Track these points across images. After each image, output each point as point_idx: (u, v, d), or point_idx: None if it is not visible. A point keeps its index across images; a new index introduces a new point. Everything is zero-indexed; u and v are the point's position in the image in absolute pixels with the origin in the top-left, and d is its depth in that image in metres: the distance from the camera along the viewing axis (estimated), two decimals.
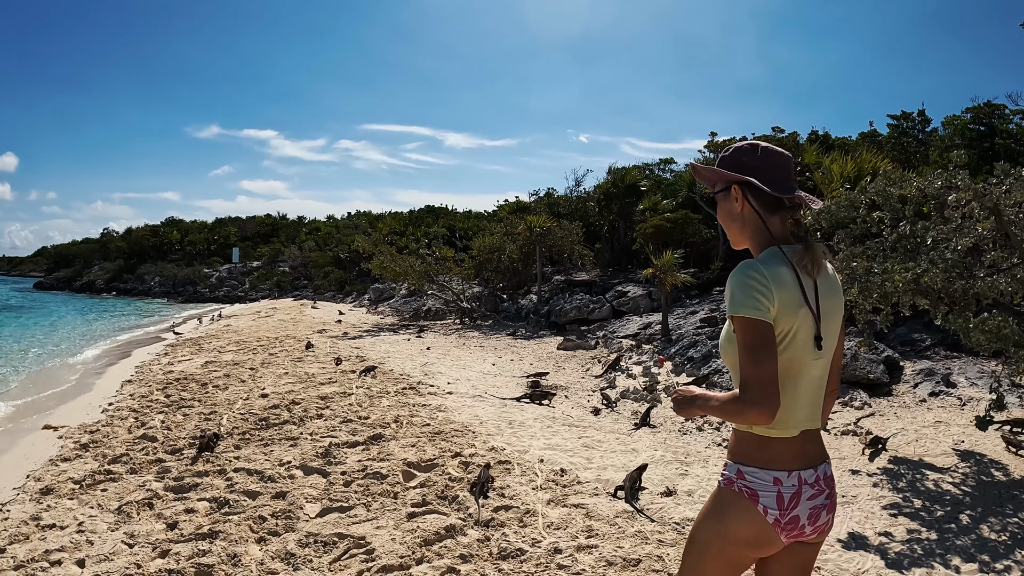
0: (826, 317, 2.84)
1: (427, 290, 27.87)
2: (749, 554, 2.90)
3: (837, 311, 2.91)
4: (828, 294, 2.86)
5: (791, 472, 2.81)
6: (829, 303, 2.86)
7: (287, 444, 8.97)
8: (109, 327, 31.24)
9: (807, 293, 2.78)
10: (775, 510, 2.78)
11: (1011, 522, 6.66)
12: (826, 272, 2.89)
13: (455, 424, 9.91)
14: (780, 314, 2.73)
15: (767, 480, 2.81)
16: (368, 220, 61.88)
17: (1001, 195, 7.70)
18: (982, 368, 12.31)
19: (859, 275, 8.21)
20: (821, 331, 2.80)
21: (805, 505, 2.81)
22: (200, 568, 5.60)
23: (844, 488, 7.51)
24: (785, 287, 2.75)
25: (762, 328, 2.69)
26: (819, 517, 2.85)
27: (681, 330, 17.62)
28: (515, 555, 5.78)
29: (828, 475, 2.90)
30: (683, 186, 29.18)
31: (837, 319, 2.90)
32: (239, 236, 75.33)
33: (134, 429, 9.91)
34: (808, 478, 2.82)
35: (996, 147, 20.88)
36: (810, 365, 2.82)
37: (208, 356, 17.38)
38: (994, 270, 8.04)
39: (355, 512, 6.72)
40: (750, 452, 2.88)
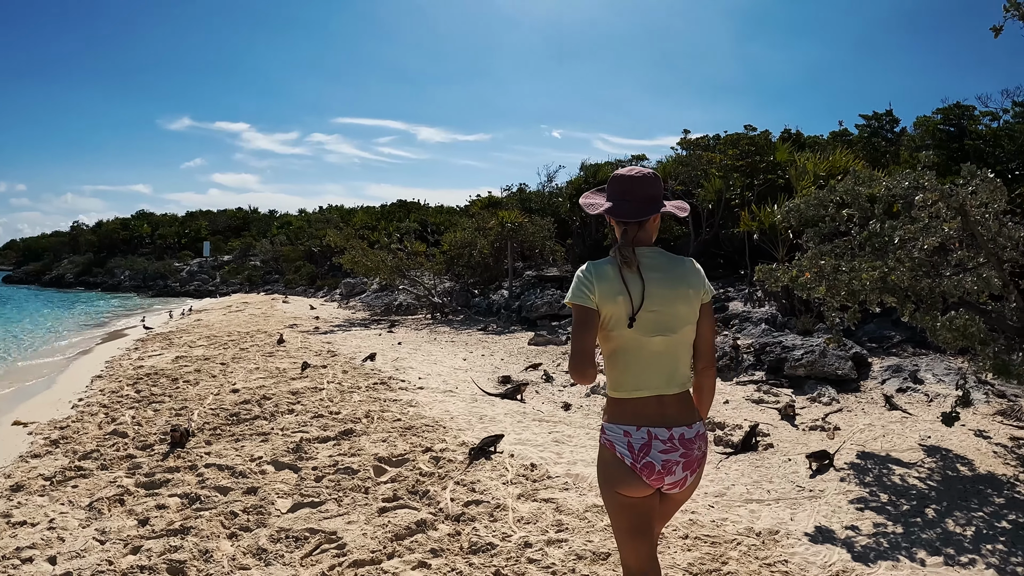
0: (655, 303, 3.51)
1: (399, 285, 27.84)
2: (624, 493, 3.55)
3: (674, 299, 3.56)
4: (660, 283, 3.55)
5: (640, 427, 3.51)
6: (661, 291, 3.53)
7: (258, 439, 8.99)
8: (79, 322, 31.07)
9: (628, 286, 3.50)
10: (629, 456, 3.50)
11: (976, 516, 6.74)
12: (656, 272, 3.58)
13: (426, 419, 9.95)
14: (602, 302, 3.51)
15: (619, 432, 3.55)
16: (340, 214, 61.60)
17: (967, 196, 7.80)
18: (949, 365, 12.44)
19: (827, 273, 8.29)
20: (637, 315, 3.48)
21: (657, 456, 3.48)
22: (172, 564, 5.63)
23: (811, 483, 7.59)
24: (606, 280, 3.53)
25: (582, 312, 3.52)
26: (673, 470, 3.51)
27: None
28: (485, 549, 5.84)
29: (687, 438, 3.54)
30: None
31: (676, 306, 3.56)
32: (210, 230, 74.91)
33: (104, 425, 9.89)
34: (660, 435, 3.50)
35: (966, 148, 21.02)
36: (647, 341, 3.52)
37: (179, 351, 17.30)
38: (960, 269, 8.14)
39: (326, 507, 6.76)
40: (608, 411, 3.66)
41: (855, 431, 9.45)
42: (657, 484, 3.54)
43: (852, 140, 25.77)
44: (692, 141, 27.29)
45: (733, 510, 6.83)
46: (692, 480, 3.64)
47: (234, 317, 26.69)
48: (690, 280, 3.64)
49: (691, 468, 3.58)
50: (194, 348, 17.77)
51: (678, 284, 3.59)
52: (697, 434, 3.60)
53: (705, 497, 7.13)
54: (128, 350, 18.41)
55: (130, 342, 20.41)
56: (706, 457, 3.69)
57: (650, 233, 3.75)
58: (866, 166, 18.24)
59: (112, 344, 20.67)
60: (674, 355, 3.59)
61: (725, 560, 5.73)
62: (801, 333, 14.09)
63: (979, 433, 9.26)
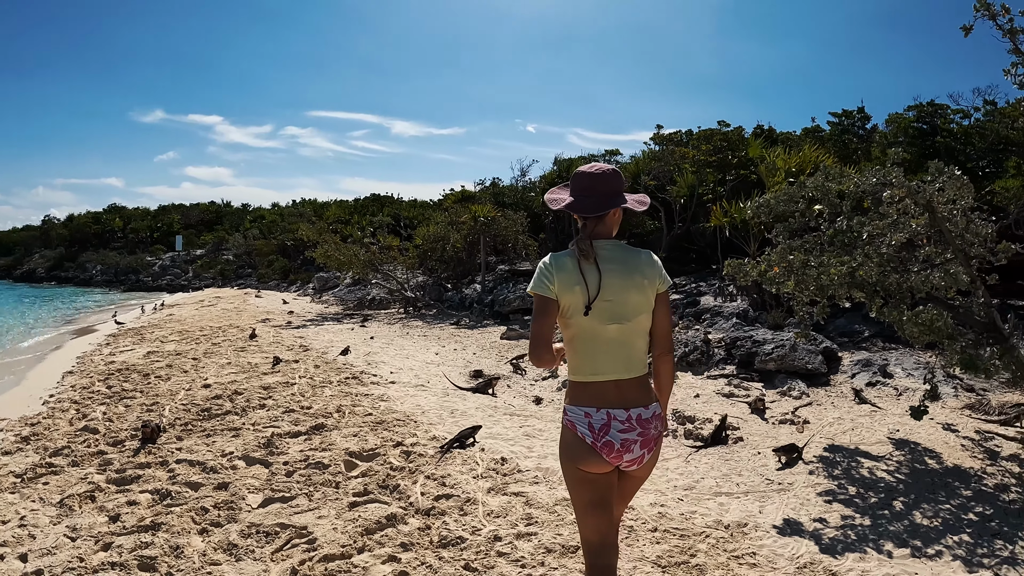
0: (610, 293, 3.77)
1: (371, 279, 27.74)
2: (585, 470, 3.83)
3: (629, 288, 3.81)
4: (615, 277, 3.80)
5: (600, 408, 3.79)
6: (614, 283, 3.79)
7: (229, 435, 8.99)
8: (50, 317, 30.83)
9: (585, 276, 3.77)
10: (590, 436, 3.77)
11: (943, 508, 6.82)
12: (613, 263, 3.83)
13: (397, 414, 9.97)
14: (560, 292, 3.79)
15: (580, 414, 3.82)
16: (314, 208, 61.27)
17: (934, 192, 7.86)
18: (918, 359, 12.52)
19: (796, 268, 8.34)
20: (592, 304, 3.75)
21: (616, 435, 3.76)
22: (143, 560, 5.64)
23: (780, 476, 7.65)
24: (565, 271, 3.80)
25: (541, 301, 3.81)
26: (631, 448, 3.78)
27: None
28: (455, 543, 5.88)
29: (643, 418, 3.82)
30: (628, 177, 29.28)
31: (630, 295, 3.81)
32: (182, 224, 74.38)
33: (76, 421, 9.85)
34: (619, 416, 3.78)
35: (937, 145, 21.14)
36: (603, 329, 3.79)
37: (150, 346, 17.21)
38: (928, 265, 8.20)
39: (297, 502, 6.78)
40: (570, 394, 3.92)
41: (824, 424, 9.51)
42: (616, 461, 3.82)
43: (824, 137, 25.83)
44: (665, 136, 27.27)
45: (702, 503, 6.88)
46: (649, 458, 3.92)
47: (206, 312, 26.57)
48: (644, 271, 3.87)
49: (648, 446, 3.85)
50: (166, 343, 17.68)
51: (633, 275, 3.84)
52: (654, 415, 3.88)
53: (675, 490, 7.18)
54: (100, 345, 18.30)
55: (102, 337, 20.28)
56: (662, 437, 3.98)
57: (610, 227, 4.00)
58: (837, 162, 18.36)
59: (83, 339, 20.53)
60: (630, 342, 3.86)
61: (694, 552, 5.78)
62: (772, 328, 14.16)
63: (947, 427, 9.34)
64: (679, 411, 10.03)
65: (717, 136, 25.15)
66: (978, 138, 21.29)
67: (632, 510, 6.60)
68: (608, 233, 3.99)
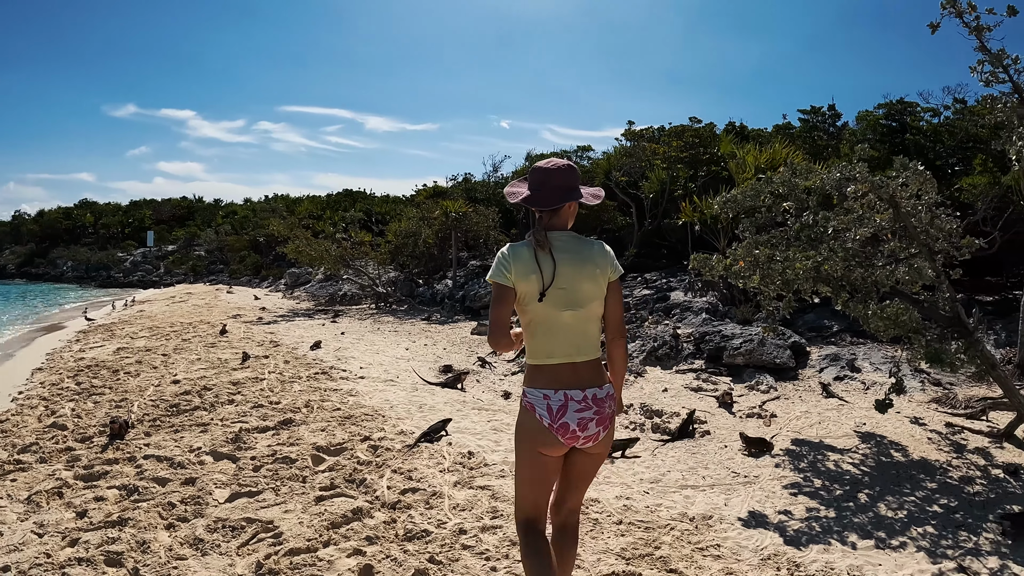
0: (564, 281, 3.98)
1: (343, 275, 27.73)
2: (540, 452, 4.07)
3: (581, 277, 4.02)
4: (568, 266, 4.01)
5: (557, 390, 3.99)
6: (567, 272, 4.00)
7: (197, 430, 8.97)
8: (19, 314, 30.58)
9: (540, 266, 3.97)
10: (547, 417, 3.97)
11: (908, 500, 6.88)
12: (566, 253, 4.04)
13: (365, 408, 10.00)
14: (517, 280, 3.98)
15: (539, 396, 4.01)
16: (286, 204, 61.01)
17: (897, 187, 7.93)
18: (886, 353, 12.63)
19: (761, 262, 8.38)
20: (547, 292, 3.96)
21: (573, 415, 3.97)
22: (110, 556, 5.62)
23: (746, 469, 7.72)
24: (521, 261, 3.99)
25: (499, 289, 4.01)
26: (587, 427, 4.00)
27: None
28: (420, 536, 5.90)
29: (598, 397, 4.04)
30: (599, 173, 29.31)
31: (582, 283, 4.02)
32: (154, 219, 73.84)
33: (44, 418, 9.79)
34: (575, 396, 3.99)
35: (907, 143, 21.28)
36: (558, 315, 4.00)
37: (121, 342, 17.13)
38: (893, 260, 8.26)
39: (264, 496, 6.78)
40: (529, 377, 4.11)
41: (792, 418, 9.59)
42: (572, 442, 4.04)
43: (795, 134, 25.93)
44: (636, 132, 27.33)
45: (668, 496, 6.92)
46: (605, 436, 4.13)
47: (177, 308, 26.46)
48: (596, 260, 4.09)
49: (603, 424, 4.08)
50: (136, 339, 17.61)
51: (585, 264, 4.05)
52: (608, 394, 4.12)
53: (641, 483, 7.23)
54: (69, 342, 18.19)
55: (72, 334, 20.14)
56: (615, 416, 4.22)
57: (564, 219, 4.22)
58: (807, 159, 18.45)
59: (53, 336, 20.38)
60: (583, 327, 4.08)
61: (658, 545, 5.81)
62: (741, 322, 14.22)
63: (915, 420, 9.44)
64: (647, 405, 10.08)
65: (689, 132, 25.22)
66: (947, 136, 21.46)
67: (597, 503, 6.65)
68: (563, 225, 4.20)
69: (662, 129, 28.25)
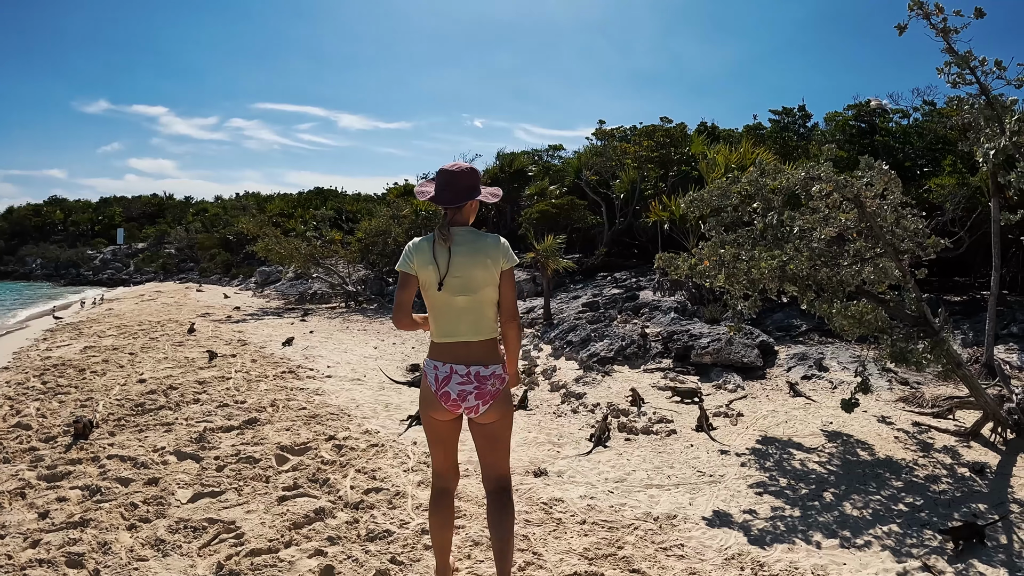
0: (457, 271, 4.59)
1: (313, 273, 27.65)
2: (431, 415, 4.79)
3: (473, 267, 4.60)
4: (463, 257, 4.60)
5: (445, 363, 4.66)
6: (462, 262, 4.59)
7: (162, 430, 8.92)
8: None
9: (436, 258, 4.59)
10: (434, 385, 4.67)
11: (873, 499, 6.91)
12: (463, 246, 4.63)
13: (331, 407, 9.98)
14: (419, 269, 4.64)
15: (430, 366, 4.72)
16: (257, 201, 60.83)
17: (862, 187, 7.95)
18: (854, 353, 12.70)
19: (726, 261, 8.39)
20: (444, 280, 4.57)
21: (455, 386, 4.61)
22: (71, 557, 5.59)
23: (712, 467, 7.74)
24: (421, 253, 4.64)
25: (403, 276, 4.70)
26: (467, 399, 4.62)
27: (563, 314, 17.79)
28: (383, 536, 5.91)
29: (481, 375, 4.63)
30: (570, 172, 29.32)
31: (475, 272, 4.61)
32: (125, 216, 73.30)
33: (8, 417, 9.69)
34: (459, 370, 4.62)
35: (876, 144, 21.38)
36: (453, 300, 4.63)
37: (88, 341, 16.99)
38: (859, 259, 8.29)
39: (226, 496, 6.75)
40: (429, 351, 4.81)
41: (759, 417, 9.62)
42: (455, 410, 4.71)
43: (765, 134, 25.99)
44: (607, 132, 27.32)
45: (632, 495, 6.93)
46: (488, 410, 4.71)
47: (146, 306, 26.31)
48: (489, 252, 4.67)
49: (483, 399, 4.66)
50: (104, 338, 17.48)
51: (478, 255, 4.63)
52: (492, 373, 4.68)
53: (605, 483, 7.23)
54: (36, 340, 18.01)
55: (39, 332, 19.94)
56: (502, 393, 4.77)
57: (466, 215, 4.83)
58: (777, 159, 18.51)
59: (20, 334, 20.18)
60: (477, 310, 4.68)
61: (621, 545, 5.82)
62: (709, 322, 14.25)
63: (882, 419, 9.48)
64: (613, 404, 10.08)
65: (659, 132, 25.23)
66: (916, 137, 21.59)
67: (561, 503, 6.66)
68: (465, 221, 4.82)
69: (633, 129, 28.26)
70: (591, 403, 10.21)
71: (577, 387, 11.25)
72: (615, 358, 12.76)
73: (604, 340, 13.45)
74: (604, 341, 13.39)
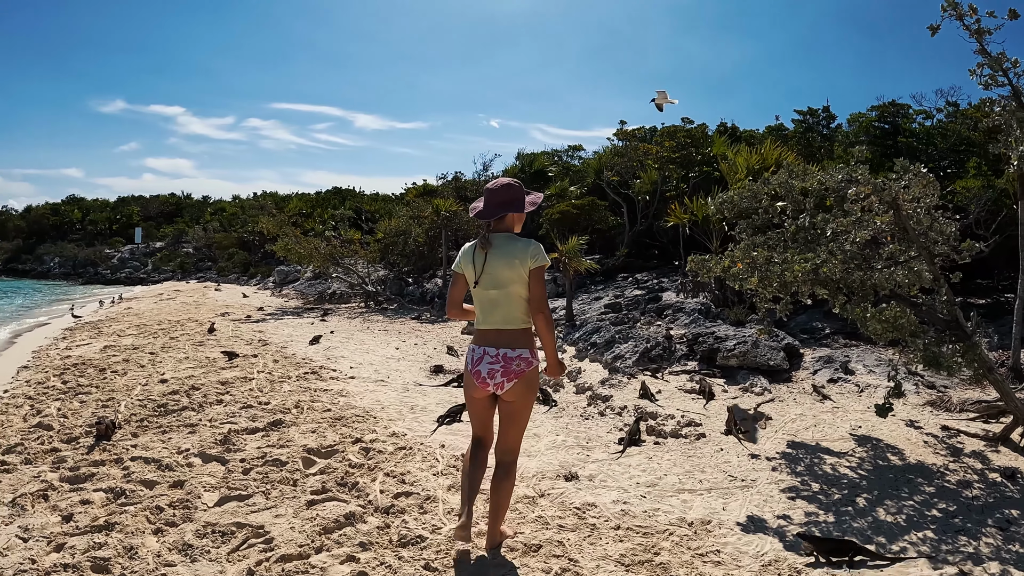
0: (490, 270, 5.47)
1: (332, 273, 27.62)
2: (468, 393, 5.70)
3: (502, 266, 5.43)
4: (496, 258, 5.46)
5: (480, 347, 5.56)
6: (494, 263, 5.46)
7: (186, 431, 8.84)
8: (5, 311, 30.45)
9: (475, 259, 5.55)
10: (470, 365, 5.58)
11: (906, 505, 6.81)
12: (497, 249, 5.49)
13: (356, 409, 9.90)
14: (464, 269, 5.64)
15: (470, 349, 5.66)
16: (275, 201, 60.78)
17: (900, 190, 7.85)
18: (880, 356, 12.57)
19: (759, 264, 8.30)
20: (479, 278, 5.51)
21: (485, 367, 5.46)
22: (96, 561, 5.50)
23: (743, 472, 7.64)
24: (466, 255, 5.63)
25: (454, 275, 5.76)
26: (495, 376, 5.43)
27: (585, 315, 17.71)
28: (415, 542, 5.80)
29: (508, 356, 5.45)
30: (590, 173, 29.24)
31: (504, 271, 5.43)
32: (142, 216, 73.58)
33: (29, 417, 9.62)
34: (491, 352, 5.49)
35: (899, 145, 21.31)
36: (487, 294, 5.51)
37: (108, 340, 16.96)
38: (892, 262, 8.19)
39: (254, 500, 6.66)
40: (473, 336, 5.71)
41: (787, 420, 9.52)
42: (484, 388, 5.51)
43: (788, 135, 25.88)
44: (629, 132, 27.21)
45: (665, 500, 6.84)
46: (513, 388, 5.48)
47: (165, 305, 26.31)
48: (517, 254, 5.42)
49: (508, 376, 5.43)
50: (123, 337, 17.44)
51: (507, 257, 5.44)
52: (519, 356, 5.47)
53: (637, 487, 7.14)
54: (56, 339, 17.99)
55: (58, 331, 19.93)
56: (526, 375, 5.49)
57: (509, 224, 5.66)
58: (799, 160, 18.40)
59: (39, 333, 20.18)
60: (507, 303, 5.50)
61: (657, 551, 5.73)
62: (734, 324, 14.16)
63: (910, 423, 9.37)
64: (641, 407, 9.98)
65: (681, 133, 25.17)
66: (940, 138, 21.51)
67: (594, 507, 6.57)
68: (507, 228, 5.65)
69: (654, 129, 28.20)
70: (618, 406, 10.10)
71: (603, 389, 11.15)
72: (640, 360, 12.65)
73: (629, 342, 13.36)
74: (629, 343, 13.30)
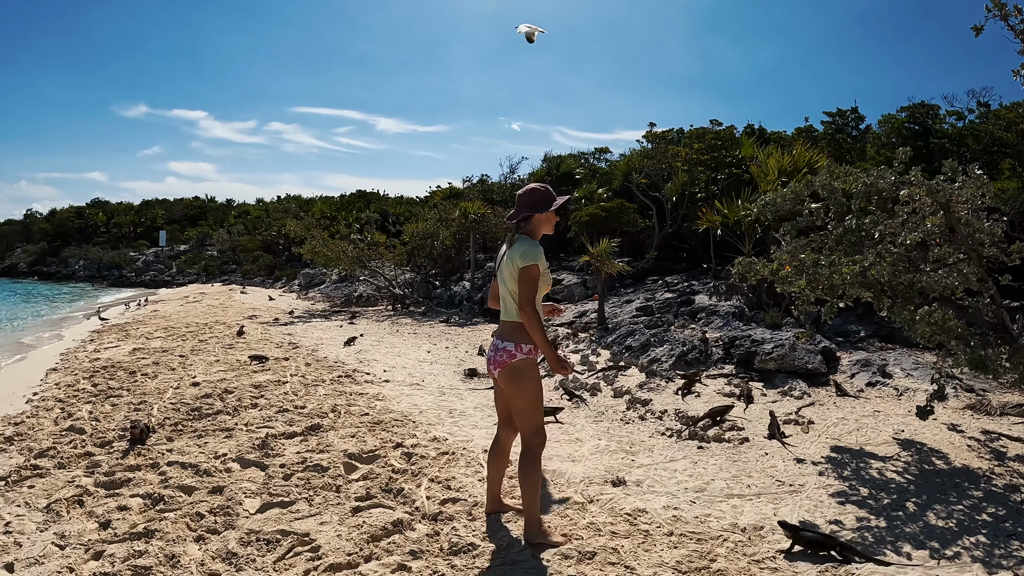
0: (500, 268, 5.95)
1: (359, 276, 27.60)
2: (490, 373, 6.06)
3: (504, 265, 5.85)
4: (506, 256, 5.85)
5: (494, 336, 5.98)
6: (502, 261, 5.89)
7: (221, 435, 8.79)
8: (32, 313, 30.44)
9: (498, 256, 6.06)
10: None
11: (956, 509, 6.71)
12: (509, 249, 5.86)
13: (394, 413, 9.83)
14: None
15: None
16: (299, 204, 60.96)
17: (953, 192, 7.74)
18: (917, 359, 12.44)
19: (807, 267, 8.20)
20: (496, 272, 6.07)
21: (489, 354, 5.98)
22: (137, 570, 5.41)
23: (791, 477, 7.54)
24: (498, 256, 6.07)
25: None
26: (490, 362, 5.95)
27: (617, 318, 17.58)
28: (467, 550, 5.70)
29: (497, 347, 5.85)
30: (618, 175, 29.11)
31: (504, 269, 5.85)
32: (166, 219, 73.95)
33: (61, 420, 9.58)
34: (495, 342, 5.91)
35: (931, 146, 21.18)
36: (500, 289, 5.97)
37: (136, 343, 16.96)
38: (940, 265, 8.08)
39: (297, 507, 6.59)
40: None
41: (829, 424, 9.41)
42: (491, 373, 6.00)
43: (817, 136, 25.77)
44: (658, 135, 27.10)
45: (715, 505, 6.76)
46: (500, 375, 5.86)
47: (192, 308, 26.35)
48: (512, 255, 5.77)
49: (495, 364, 5.88)
50: (151, 340, 17.45)
51: (509, 256, 5.81)
52: (504, 348, 5.81)
53: (686, 492, 7.06)
54: (84, 342, 18.01)
55: (85, 333, 19.97)
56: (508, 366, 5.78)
57: (534, 226, 5.95)
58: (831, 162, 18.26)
59: (67, 335, 20.23)
60: (508, 297, 5.87)
61: (713, 557, 5.64)
62: (769, 327, 14.03)
63: (952, 427, 9.26)
64: (681, 411, 9.87)
65: (709, 135, 25.04)
66: (972, 139, 21.34)
67: (645, 513, 6.49)
68: (531, 231, 5.95)
69: (682, 131, 28.11)
70: (658, 409, 9.99)
71: (642, 393, 11.03)
72: (676, 363, 12.53)
73: (664, 345, 13.24)
74: (664, 346, 13.18)
